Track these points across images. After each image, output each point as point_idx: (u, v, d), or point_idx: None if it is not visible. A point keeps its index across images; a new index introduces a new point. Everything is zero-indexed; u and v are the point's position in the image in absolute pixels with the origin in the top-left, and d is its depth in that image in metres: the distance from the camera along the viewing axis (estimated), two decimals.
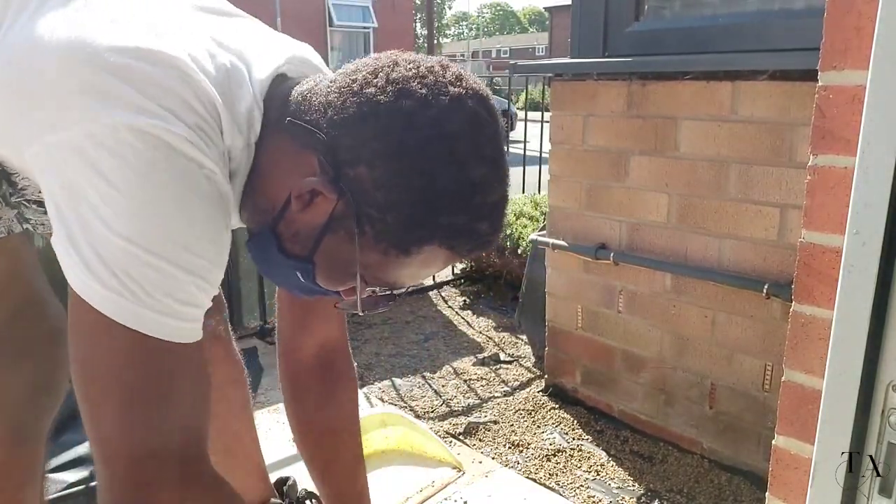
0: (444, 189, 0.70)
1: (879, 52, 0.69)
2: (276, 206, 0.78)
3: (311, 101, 0.75)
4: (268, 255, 0.81)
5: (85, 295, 0.67)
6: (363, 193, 0.71)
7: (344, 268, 0.77)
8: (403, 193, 0.70)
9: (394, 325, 3.16)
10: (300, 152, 0.74)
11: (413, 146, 0.69)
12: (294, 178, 0.74)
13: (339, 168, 0.72)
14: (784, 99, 1.67)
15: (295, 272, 0.80)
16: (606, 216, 2.13)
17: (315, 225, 0.75)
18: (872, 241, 0.72)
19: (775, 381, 1.79)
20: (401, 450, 1.92)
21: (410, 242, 0.73)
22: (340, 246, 0.75)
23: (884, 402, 0.76)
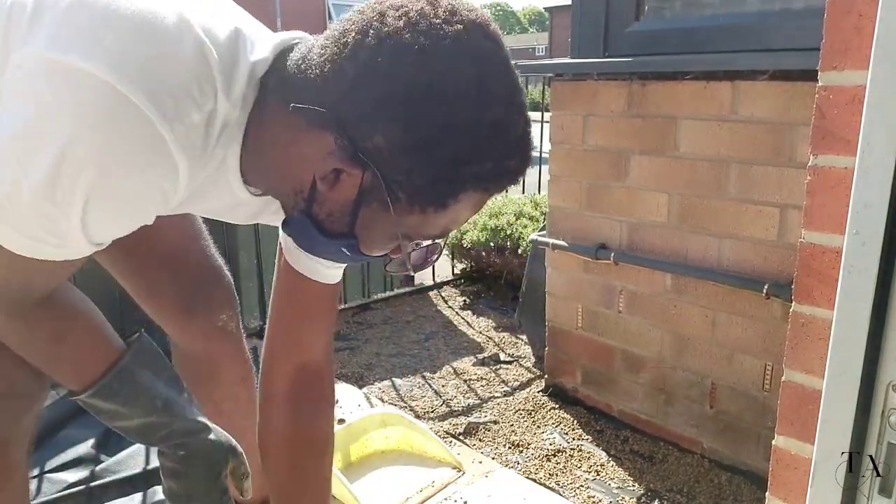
0: (464, 140, 0.68)
1: (879, 52, 0.69)
2: (303, 188, 0.77)
3: (307, 75, 0.72)
4: (309, 237, 0.81)
5: None
6: (385, 162, 0.70)
7: (386, 234, 0.77)
8: (425, 154, 0.68)
9: (394, 325, 3.16)
10: (312, 131, 0.72)
11: (423, 104, 0.66)
12: (313, 159, 0.73)
13: (356, 142, 0.70)
14: (784, 99, 1.68)
15: (339, 249, 0.80)
16: (606, 216, 2.13)
17: (347, 201, 0.75)
18: (872, 241, 0.72)
19: (775, 381, 1.79)
20: (401, 450, 1.93)
21: (445, 197, 0.72)
22: (377, 215, 0.74)
23: (884, 402, 0.76)
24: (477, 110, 0.68)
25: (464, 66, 0.67)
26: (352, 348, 2.88)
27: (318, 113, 0.71)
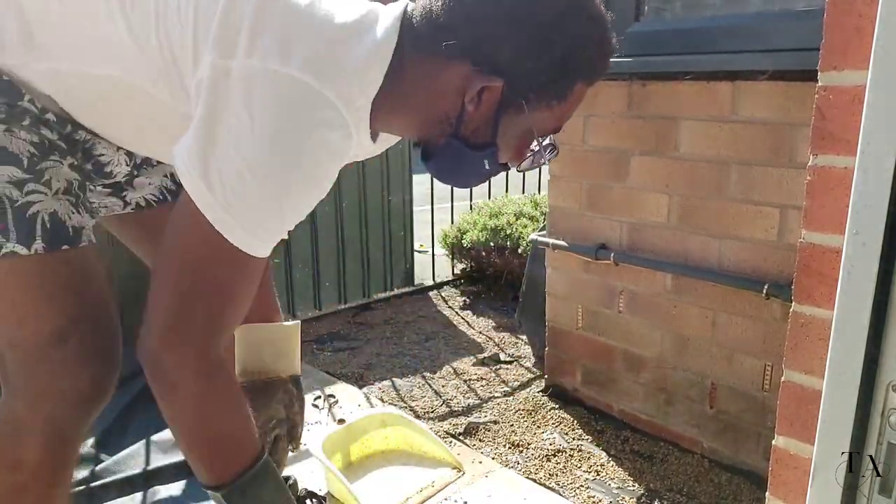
0: (575, 33, 0.86)
1: (879, 52, 0.69)
2: (449, 115, 0.91)
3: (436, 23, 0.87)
4: (456, 159, 0.95)
5: (194, 196, 0.82)
6: (516, 70, 0.86)
7: (522, 136, 0.93)
8: (546, 53, 0.86)
9: (394, 326, 3.16)
10: (448, 65, 0.88)
11: (538, 11, 0.84)
12: (455, 87, 0.88)
13: (490, 59, 0.86)
14: (784, 99, 1.68)
15: (482, 161, 0.94)
16: (607, 216, 2.13)
17: (489, 114, 0.90)
18: (872, 241, 0.72)
19: (775, 381, 1.79)
20: (401, 450, 1.92)
21: (565, 88, 0.90)
22: (514, 120, 0.90)
23: (884, 402, 0.76)
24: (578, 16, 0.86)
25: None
26: (352, 348, 2.88)
27: (453, 46, 0.86)
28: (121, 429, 2.07)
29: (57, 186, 0.96)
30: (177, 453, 1.93)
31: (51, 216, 0.95)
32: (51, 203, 0.95)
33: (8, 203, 0.92)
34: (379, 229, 3.42)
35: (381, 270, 3.52)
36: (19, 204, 0.92)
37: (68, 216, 0.97)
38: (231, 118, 0.80)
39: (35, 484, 1.01)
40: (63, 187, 0.98)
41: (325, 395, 2.33)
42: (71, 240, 0.97)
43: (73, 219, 0.98)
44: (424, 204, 3.67)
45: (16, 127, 0.94)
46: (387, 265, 3.54)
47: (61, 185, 0.97)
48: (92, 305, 1.01)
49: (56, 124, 0.99)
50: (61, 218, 0.96)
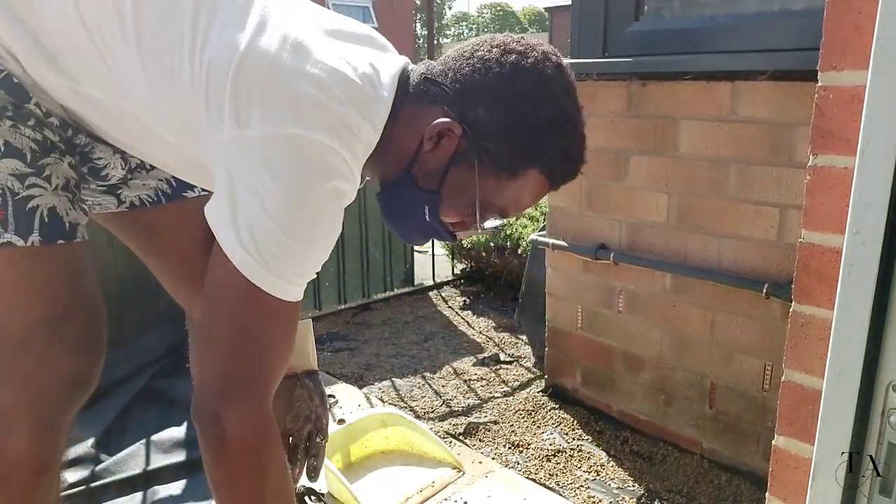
0: (544, 118, 0.93)
1: (879, 52, 0.69)
2: (410, 153, 0.97)
3: (432, 73, 0.97)
4: (400, 196, 1.01)
5: (231, 256, 0.87)
6: (481, 130, 0.93)
7: (465, 195, 0.97)
8: (513, 125, 0.93)
9: (394, 326, 3.16)
10: (428, 109, 0.95)
11: (519, 87, 0.92)
12: (424, 126, 0.95)
13: (462, 112, 0.94)
14: (784, 99, 1.68)
15: (423, 207, 0.99)
16: (606, 216, 2.13)
17: (442, 161, 0.96)
18: (872, 241, 0.72)
19: (775, 381, 1.79)
20: (401, 450, 1.92)
21: (518, 165, 0.95)
22: (463, 176, 0.96)
23: (884, 402, 0.76)
24: (557, 99, 0.94)
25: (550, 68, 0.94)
26: (352, 349, 2.88)
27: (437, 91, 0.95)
28: (121, 429, 2.07)
29: (56, 182, 0.99)
30: (177, 453, 1.93)
31: (49, 211, 0.97)
32: (50, 198, 0.98)
33: (9, 195, 0.94)
34: (379, 229, 3.42)
35: (380, 270, 3.52)
36: (20, 197, 0.95)
37: (66, 212, 1.00)
38: (254, 180, 0.86)
39: (21, 472, 1.03)
40: (62, 184, 1.00)
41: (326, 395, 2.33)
42: (66, 235, 1.00)
43: (70, 215, 1.01)
44: None
45: (21, 124, 0.96)
46: (386, 265, 3.54)
47: (60, 181, 1.00)
48: (81, 297, 1.03)
49: (58, 128, 1.02)
50: (59, 213, 0.99)
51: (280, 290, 0.89)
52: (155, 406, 2.20)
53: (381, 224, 3.42)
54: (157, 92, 0.93)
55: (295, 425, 1.20)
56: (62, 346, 1.00)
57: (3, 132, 0.94)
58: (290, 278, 0.90)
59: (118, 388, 2.19)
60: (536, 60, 0.93)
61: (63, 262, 1.01)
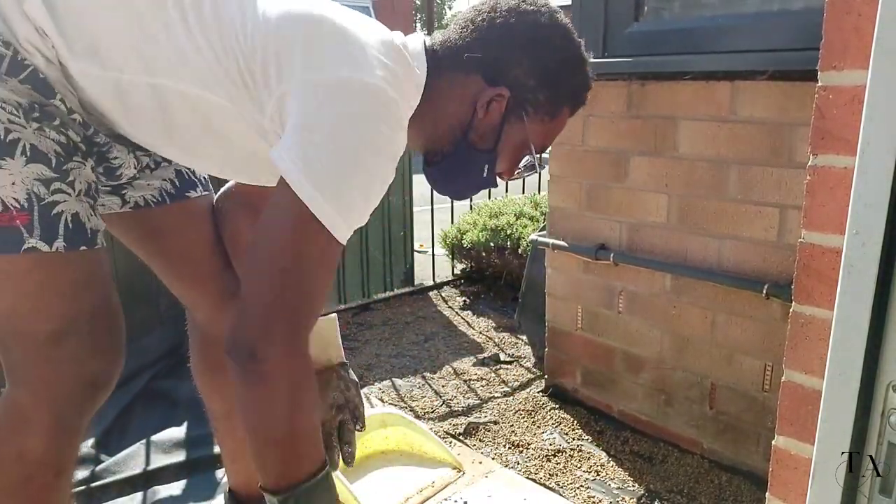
0: (569, 63, 1.07)
1: (879, 52, 0.69)
2: (462, 121, 1.07)
3: (452, 43, 1.06)
4: (461, 162, 1.11)
5: (299, 191, 0.89)
6: (522, 85, 1.05)
7: (518, 145, 1.10)
8: (545, 74, 1.05)
9: (394, 326, 3.16)
10: (465, 79, 1.06)
11: (542, 40, 1.05)
12: (471, 95, 1.06)
13: (501, 75, 1.05)
14: (783, 99, 1.68)
15: (483, 166, 1.10)
16: (606, 217, 2.13)
17: (495, 123, 1.07)
18: (872, 241, 0.72)
19: (775, 381, 1.79)
20: (401, 450, 1.92)
21: (557, 107, 1.09)
22: (514, 129, 1.08)
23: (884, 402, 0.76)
24: (574, 44, 1.07)
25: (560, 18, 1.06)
26: (352, 349, 2.88)
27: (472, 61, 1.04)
28: (121, 429, 2.07)
29: (80, 188, 1.00)
30: (177, 453, 1.93)
31: (73, 217, 0.99)
32: (74, 204, 0.99)
33: (35, 200, 0.95)
34: (379, 229, 3.42)
35: (380, 271, 3.52)
36: (46, 202, 0.96)
37: (88, 218, 1.01)
38: (323, 120, 0.91)
39: (41, 473, 1.03)
40: (84, 189, 1.01)
41: None
42: (88, 241, 1.01)
43: (92, 221, 1.02)
44: (424, 204, 3.67)
45: (46, 126, 0.97)
46: (386, 265, 3.54)
47: (83, 186, 1.01)
48: (101, 302, 1.04)
49: (80, 126, 1.03)
50: (82, 220, 1.00)
51: (337, 228, 0.92)
52: (155, 406, 2.21)
53: (381, 224, 3.44)
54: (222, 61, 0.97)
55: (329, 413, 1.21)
56: (83, 349, 1.01)
57: (29, 135, 0.95)
58: (348, 216, 0.93)
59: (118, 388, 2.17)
60: (546, 13, 1.06)
61: (85, 267, 1.02)
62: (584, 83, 1.11)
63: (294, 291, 0.92)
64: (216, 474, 1.87)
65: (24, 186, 0.94)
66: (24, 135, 0.94)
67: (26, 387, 1.01)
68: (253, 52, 0.96)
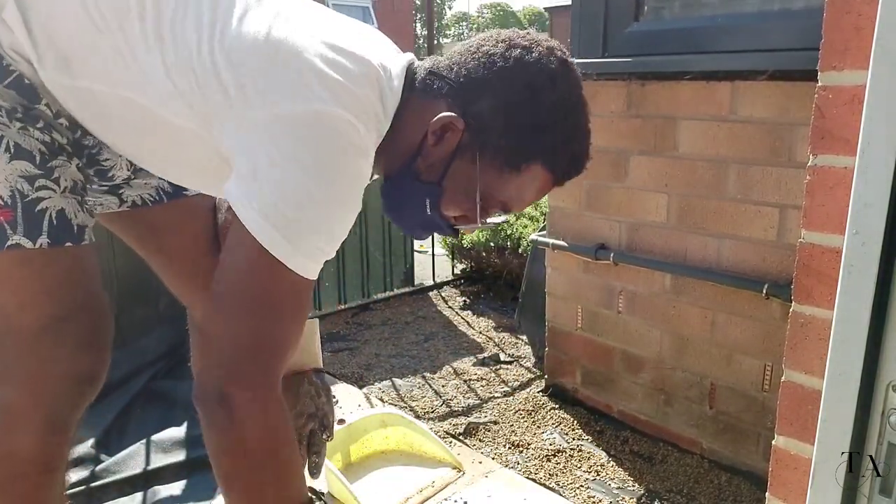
0: (546, 112, 0.93)
1: (879, 52, 0.69)
2: (413, 146, 0.98)
3: (438, 67, 0.98)
4: (402, 189, 1.01)
5: (255, 232, 0.86)
6: (483, 122, 0.94)
7: (466, 189, 0.98)
8: (516, 118, 0.93)
9: (394, 326, 3.16)
10: (433, 103, 0.96)
11: (522, 80, 0.92)
12: (428, 120, 0.95)
13: (465, 105, 0.94)
14: (783, 99, 1.68)
15: (424, 200, 0.99)
16: (606, 216, 2.13)
17: (445, 155, 0.96)
18: (872, 241, 0.72)
19: (775, 381, 1.79)
20: (401, 450, 1.92)
21: (520, 160, 0.95)
22: (465, 169, 0.96)
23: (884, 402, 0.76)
24: (561, 93, 0.94)
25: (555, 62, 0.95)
26: (351, 349, 2.88)
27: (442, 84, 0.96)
28: (121, 429, 2.07)
29: (65, 185, 1.00)
30: (177, 453, 1.93)
31: (58, 213, 0.98)
32: (59, 201, 0.98)
33: (19, 197, 0.95)
34: (379, 229, 3.42)
35: (380, 270, 3.52)
36: (30, 199, 0.96)
37: (74, 214, 1.01)
38: (280, 156, 0.86)
39: (31, 470, 1.03)
40: (70, 186, 1.01)
41: None
42: (74, 237, 1.00)
43: (79, 217, 1.02)
44: None
45: (31, 127, 0.97)
46: (386, 265, 3.54)
47: (69, 183, 1.01)
48: (88, 297, 1.04)
49: (67, 129, 1.03)
50: (68, 216, 0.99)
51: (301, 266, 0.89)
52: (155, 406, 2.20)
53: (382, 224, 3.44)
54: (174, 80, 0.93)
55: (298, 422, 1.20)
56: (69, 345, 1.01)
57: (13, 134, 0.95)
58: (311, 254, 0.90)
59: (118, 388, 2.19)
60: (541, 55, 0.93)
61: (71, 263, 1.01)
62: (568, 145, 0.97)
63: (262, 333, 0.90)
64: None
65: (7, 183, 0.94)
66: (7, 133, 0.94)
67: (14, 384, 1.01)
68: (206, 77, 0.91)
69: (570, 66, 0.96)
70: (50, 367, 1.01)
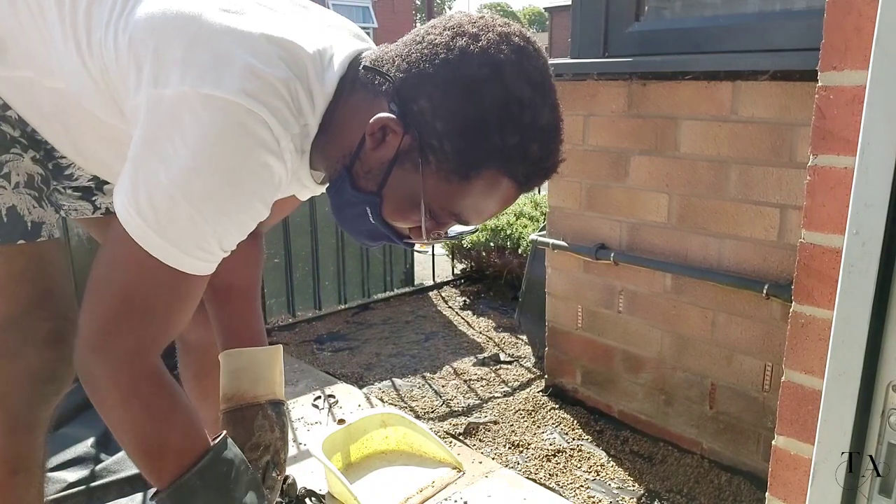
0: (492, 108, 0.79)
1: (879, 52, 0.69)
2: (352, 148, 0.88)
3: (382, 59, 0.87)
4: (341, 196, 0.91)
5: (124, 221, 0.80)
6: (425, 125, 0.82)
7: (410, 198, 0.86)
8: (458, 118, 0.80)
9: (394, 326, 3.16)
10: (373, 101, 0.85)
11: (464, 74, 0.79)
12: (367, 120, 0.84)
13: (405, 105, 0.82)
14: (784, 99, 1.68)
15: (365, 209, 0.89)
16: (606, 216, 2.13)
17: (385, 160, 0.86)
18: (872, 241, 0.72)
19: (775, 381, 1.79)
20: (401, 450, 1.93)
21: (469, 167, 0.82)
22: (407, 177, 0.85)
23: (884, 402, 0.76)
24: (508, 86, 0.79)
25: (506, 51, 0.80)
26: (351, 348, 2.88)
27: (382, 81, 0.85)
28: None
29: (17, 180, 0.97)
30: None
31: (9, 210, 0.96)
32: (10, 197, 0.96)
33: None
34: None
35: (380, 270, 3.52)
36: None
37: (28, 211, 0.98)
38: (161, 142, 0.79)
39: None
40: (24, 181, 0.98)
41: (325, 396, 2.33)
42: (28, 234, 0.98)
43: (34, 213, 0.99)
44: None
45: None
46: (386, 265, 3.54)
47: (21, 178, 0.98)
48: (46, 295, 1.02)
49: (18, 122, 1.00)
50: (20, 212, 0.97)
51: (175, 260, 0.82)
52: None
53: None
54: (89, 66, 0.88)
55: (253, 455, 1.13)
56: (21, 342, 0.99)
57: None
58: (189, 250, 0.82)
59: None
60: (489, 43, 0.80)
61: (26, 260, 0.99)
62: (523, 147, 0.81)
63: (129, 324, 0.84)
64: None
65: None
66: None
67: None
68: (115, 58, 0.85)
69: (527, 54, 0.82)
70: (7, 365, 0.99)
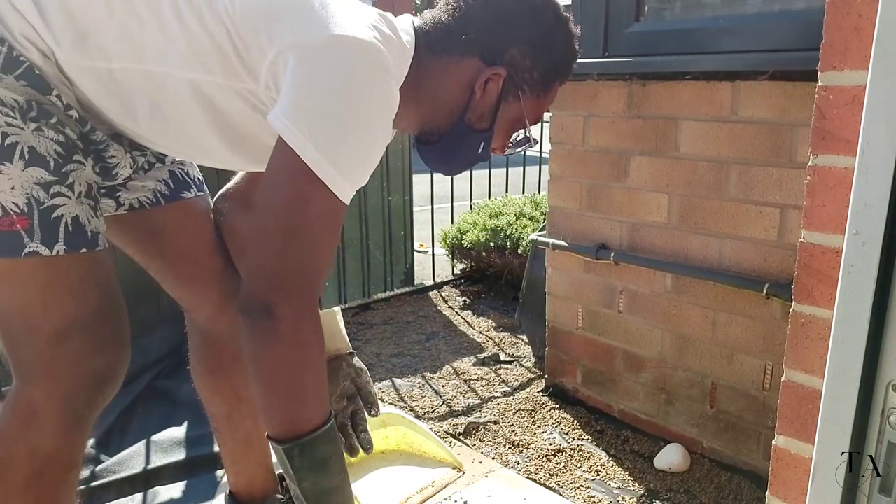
0: (561, 40, 1.13)
1: (879, 52, 0.69)
2: (460, 104, 1.10)
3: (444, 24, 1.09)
4: (459, 142, 1.14)
5: (300, 151, 0.90)
6: (518, 66, 1.09)
7: (514, 122, 1.14)
8: (541, 53, 1.10)
9: (394, 326, 3.16)
10: (462, 60, 1.08)
11: (536, 19, 1.09)
12: (468, 78, 1.08)
13: (498, 55, 1.08)
14: (784, 99, 1.68)
15: (479, 144, 1.14)
16: (607, 216, 2.13)
17: (492, 102, 1.11)
18: (872, 241, 0.72)
19: (775, 380, 1.79)
20: (401, 450, 1.93)
21: (549, 84, 1.14)
22: (510, 108, 1.12)
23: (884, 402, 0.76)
24: (565, 22, 1.13)
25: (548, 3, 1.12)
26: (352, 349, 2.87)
27: (468, 42, 1.07)
28: (121, 429, 2.07)
29: (79, 190, 1.01)
30: (177, 453, 1.93)
31: (73, 220, 0.99)
32: (74, 207, 0.99)
33: (35, 204, 0.96)
34: (379, 229, 3.42)
35: (381, 270, 3.52)
36: (45, 206, 0.96)
37: (88, 220, 1.02)
38: (321, 79, 0.92)
39: (51, 469, 1.04)
40: (84, 190, 1.02)
41: None
42: (89, 243, 1.02)
43: (92, 223, 1.03)
44: (424, 204, 3.68)
45: (44, 126, 0.97)
46: (387, 265, 3.54)
47: (83, 188, 1.01)
48: (104, 300, 1.05)
49: (77, 122, 1.03)
50: (82, 222, 1.00)
51: (339, 187, 0.92)
52: (156, 406, 2.21)
53: (382, 223, 3.44)
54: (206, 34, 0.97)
55: (339, 405, 1.21)
56: (89, 345, 1.02)
57: (27, 137, 0.95)
58: (349, 175, 0.93)
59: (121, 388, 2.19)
60: None
61: (88, 266, 1.03)
62: (573, 56, 1.16)
63: (302, 250, 0.93)
64: (216, 474, 1.87)
65: (23, 191, 0.94)
66: (21, 137, 0.95)
67: (36, 383, 1.02)
68: (244, 20, 0.97)
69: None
70: (72, 367, 1.02)
